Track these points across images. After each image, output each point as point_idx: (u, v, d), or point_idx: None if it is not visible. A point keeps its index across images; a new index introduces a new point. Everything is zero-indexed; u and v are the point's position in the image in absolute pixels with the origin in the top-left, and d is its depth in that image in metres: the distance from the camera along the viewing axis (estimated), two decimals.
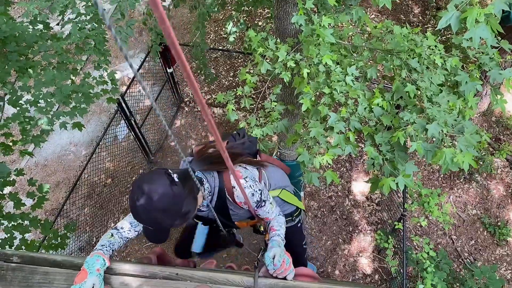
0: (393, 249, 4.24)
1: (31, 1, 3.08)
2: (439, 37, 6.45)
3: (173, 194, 1.75)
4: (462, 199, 5.47)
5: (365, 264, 5.07)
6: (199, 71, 4.49)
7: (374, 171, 2.28)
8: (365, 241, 5.22)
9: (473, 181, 5.54)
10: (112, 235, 2.06)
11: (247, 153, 2.49)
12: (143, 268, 1.90)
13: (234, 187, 2.12)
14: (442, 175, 5.67)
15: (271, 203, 2.26)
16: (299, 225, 2.98)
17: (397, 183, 2.09)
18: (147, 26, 4.59)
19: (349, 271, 5.04)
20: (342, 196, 5.60)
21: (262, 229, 2.67)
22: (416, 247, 5.11)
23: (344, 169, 5.81)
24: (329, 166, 5.66)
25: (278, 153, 4.20)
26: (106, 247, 1.95)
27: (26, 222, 3.26)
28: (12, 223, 3.20)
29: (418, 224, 5.27)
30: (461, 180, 5.60)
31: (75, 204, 5.12)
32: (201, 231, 2.61)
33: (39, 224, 3.35)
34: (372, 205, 5.50)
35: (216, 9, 3.99)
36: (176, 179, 1.81)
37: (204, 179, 2.12)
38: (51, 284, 1.88)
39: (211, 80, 4.39)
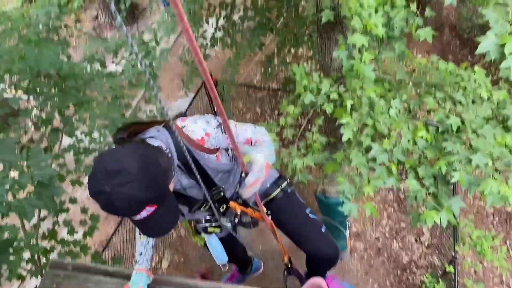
0: None
1: (90, 43, 3.35)
2: (490, 77, 6.29)
3: (142, 152, 1.48)
4: None
5: None
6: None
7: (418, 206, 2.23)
8: (414, 285, 4.99)
9: None
10: (140, 234, 2.07)
11: None
12: (187, 281, 2.06)
13: (184, 126, 1.76)
14: (497, 219, 5.38)
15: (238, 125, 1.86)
16: (289, 190, 2.21)
17: (440, 218, 2.02)
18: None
19: None
20: (390, 237, 5.42)
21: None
22: None
23: (392, 209, 5.65)
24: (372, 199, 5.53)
25: (322, 190, 4.17)
26: (144, 255, 2.01)
27: (77, 249, 3.42)
28: (65, 248, 3.37)
29: (472, 270, 4.98)
30: None
31: (123, 238, 5.29)
32: (211, 241, 2.22)
33: (89, 252, 3.50)
34: (421, 247, 5.28)
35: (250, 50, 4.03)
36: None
37: (151, 139, 1.70)
38: None
39: None
